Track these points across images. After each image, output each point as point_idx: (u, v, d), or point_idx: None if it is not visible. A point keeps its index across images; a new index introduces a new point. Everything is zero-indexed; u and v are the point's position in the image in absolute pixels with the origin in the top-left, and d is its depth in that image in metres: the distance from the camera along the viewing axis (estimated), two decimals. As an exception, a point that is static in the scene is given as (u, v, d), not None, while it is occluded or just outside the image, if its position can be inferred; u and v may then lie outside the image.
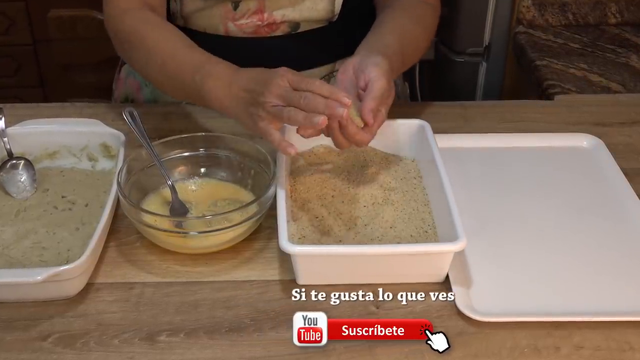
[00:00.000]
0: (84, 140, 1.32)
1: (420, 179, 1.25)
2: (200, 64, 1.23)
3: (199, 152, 1.29)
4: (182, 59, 1.26)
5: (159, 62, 1.28)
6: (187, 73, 1.24)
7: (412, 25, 1.35)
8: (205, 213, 1.20)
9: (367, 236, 1.14)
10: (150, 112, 1.49)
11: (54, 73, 2.97)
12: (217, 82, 1.20)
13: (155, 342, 1.03)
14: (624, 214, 1.25)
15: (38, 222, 1.20)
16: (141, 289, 1.11)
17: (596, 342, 1.02)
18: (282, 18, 1.44)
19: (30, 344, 1.02)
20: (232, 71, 1.20)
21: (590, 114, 1.55)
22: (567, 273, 1.13)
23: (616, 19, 2.22)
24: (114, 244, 1.19)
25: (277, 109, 1.10)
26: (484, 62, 2.37)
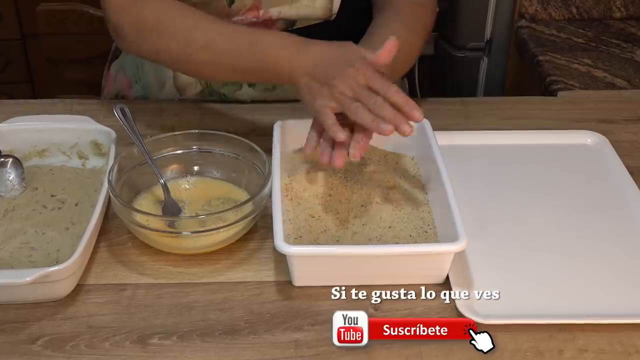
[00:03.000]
0: (74, 137, 1.32)
1: (419, 178, 1.25)
2: (255, 35, 1.24)
3: (192, 149, 1.29)
4: (232, 34, 1.26)
5: (202, 43, 1.26)
6: (243, 47, 1.23)
7: (405, 32, 1.34)
8: (198, 212, 1.20)
9: (365, 236, 1.14)
10: (142, 108, 1.49)
11: (43, 68, 2.97)
12: (284, 51, 1.20)
13: (147, 345, 1.02)
14: (629, 213, 1.25)
15: (27, 222, 1.19)
16: (133, 290, 1.11)
17: (601, 345, 1.02)
18: (279, 15, 1.44)
19: (19, 347, 1.02)
20: (299, 40, 1.21)
21: (594, 110, 1.55)
22: (571, 274, 1.13)
23: (621, 12, 2.22)
24: (104, 244, 1.19)
25: (345, 99, 1.12)
26: (485, 58, 2.37)
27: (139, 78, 1.58)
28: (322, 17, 1.46)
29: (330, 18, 1.46)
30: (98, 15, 2.75)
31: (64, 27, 2.85)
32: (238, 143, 1.27)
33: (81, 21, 2.81)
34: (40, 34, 2.87)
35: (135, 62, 1.59)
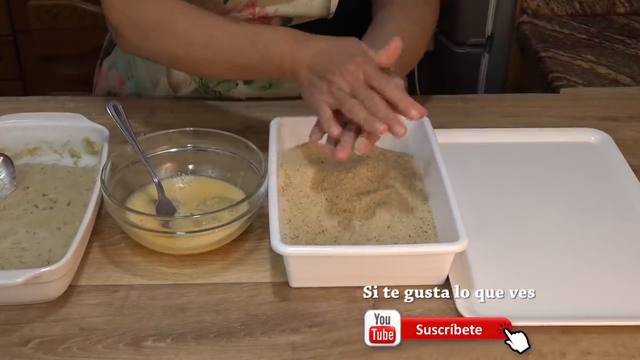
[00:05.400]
0: (65, 135, 1.32)
1: (419, 176, 1.25)
2: (256, 31, 1.25)
3: (186, 148, 1.29)
4: (233, 31, 1.27)
5: (204, 40, 1.26)
6: (245, 43, 1.24)
7: (410, 25, 1.36)
8: (193, 212, 1.20)
9: (364, 236, 1.14)
10: (135, 106, 1.49)
11: (35, 65, 2.97)
12: (284, 46, 1.21)
13: (141, 347, 1.02)
14: (633, 213, 1.25)
15: (18, 222, 1.19)
16: (126, 291, 1.11)
17: (604, 348, 1.02)
18: (275, 13, 1.44)
19: (10, 349, 1.02)
20: (301, 34, 1.22)
21: (597, 108, 1.55)
22: (573, 275, 1.13)
23: (625, 8, 2.22)
24: (97, 244, 1.19)
25: (342, 94, 1.13)
26: (486, 54, 2.37)
27: (132, 75, 1.58)
28: (319, 15, 1.46)
29: (327, 16, 1.46)
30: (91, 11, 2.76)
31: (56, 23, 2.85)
32: (234, 141, 1.27)
33: (73, 17, 2.82)
34: (31, 30, 2.88)
35: (127, 59, 1.59)
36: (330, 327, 1.05)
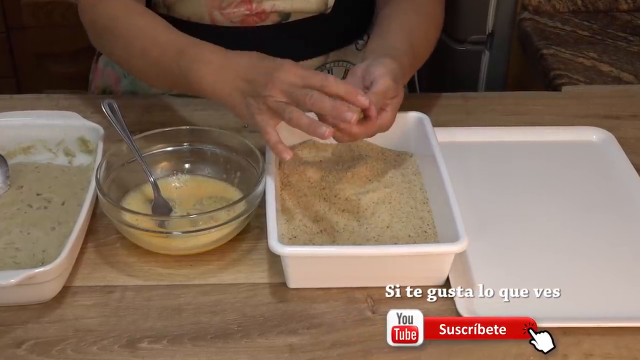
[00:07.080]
0: (60, 134, 1.31)
1: (419, 176, 1.25)
2: (183, 47, 1.23)
3: (183, 146, 1.28)
4: (164, 43, 1.25)
5: (139, 50, 1.27)
6: (171, 58, 1.23)
7: (419, 19, 1.35)
8: (189, 212, 1.20)
9: (363, 236, 1.14)
10: (130, 104, 1.49)
11: (29, 62, 2.97)
12: (207, 67, 1.19)
13: (137, 349, 1.02)
14: (636, 212, 1.25)
15: (11, 222, 1.19)
16: (121, 292, 1.11)
17: (606, 349, 1.02)
18: (272, 8, 1.44)
19: (3, 351, 1.02)
20: (223, 55, 1.20)
21: (600, 106, 1.55)
22: (575, 275, 1.13)
23: (628, 5, 2.22)
24: (92, 244, 1.18)
25: (279, 105, 1.10)
26: (487, 51, 2.37)
27: (130, 74, 1.58)
28: (317, 10, 1.46)
29: (325, 11, 1.46)
30: (86, 7, 2.75)
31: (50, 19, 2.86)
32: (230, 140, 1.27)
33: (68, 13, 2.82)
34: (25, 26, 2.88)
35: (123, 56, 1.59)
36: (328, 329, 1.05)
